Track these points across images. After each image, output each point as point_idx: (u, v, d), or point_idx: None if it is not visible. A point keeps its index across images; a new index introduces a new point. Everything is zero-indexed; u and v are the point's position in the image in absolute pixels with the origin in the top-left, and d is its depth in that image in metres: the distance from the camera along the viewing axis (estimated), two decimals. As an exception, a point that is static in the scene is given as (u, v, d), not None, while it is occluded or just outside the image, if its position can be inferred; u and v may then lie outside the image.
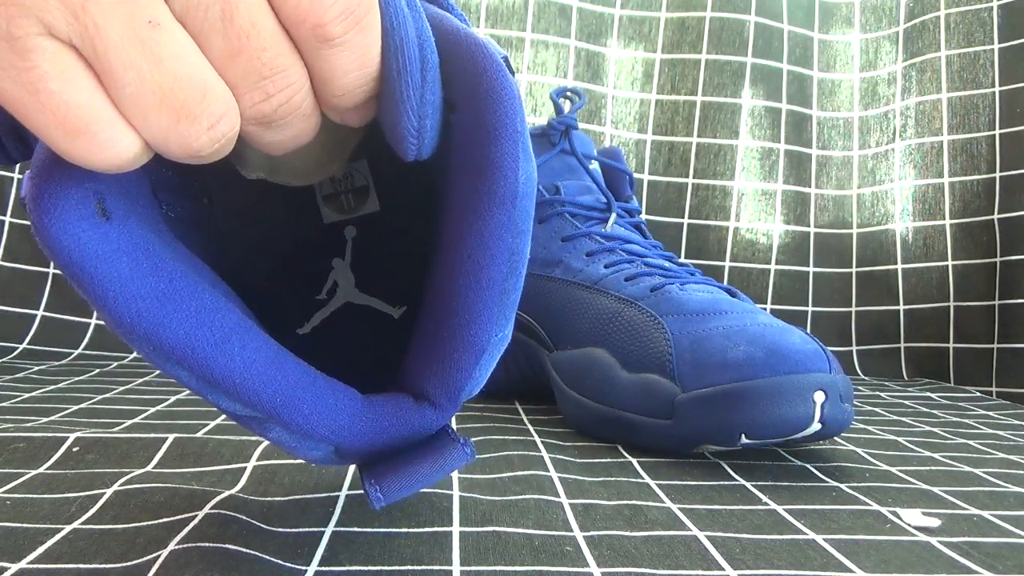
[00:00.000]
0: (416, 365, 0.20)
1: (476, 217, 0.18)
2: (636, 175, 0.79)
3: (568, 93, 0.55)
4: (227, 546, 0.23)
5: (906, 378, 0.75)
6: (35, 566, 0.22)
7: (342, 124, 0.20)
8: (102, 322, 0.68)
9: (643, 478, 0.34)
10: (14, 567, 0.22)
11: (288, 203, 0.27)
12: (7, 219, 0.69)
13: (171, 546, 0.23)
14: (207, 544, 0.23)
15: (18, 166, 0.69)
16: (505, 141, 0.18)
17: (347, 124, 0.19)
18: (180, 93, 0.15)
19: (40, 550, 0.23)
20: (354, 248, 0.28)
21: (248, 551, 0.23)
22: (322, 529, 0.25)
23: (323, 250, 0.28)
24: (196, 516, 0.26)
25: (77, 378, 0.54)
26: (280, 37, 0.16)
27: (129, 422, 0.40)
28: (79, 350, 0.66)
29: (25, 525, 0.25)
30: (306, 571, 0.22)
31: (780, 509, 0.30)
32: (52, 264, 0.69)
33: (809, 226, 0.80)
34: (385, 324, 0.28)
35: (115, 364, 0.62)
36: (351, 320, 0.28)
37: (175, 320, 0.17)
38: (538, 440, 0.40)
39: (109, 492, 0.28)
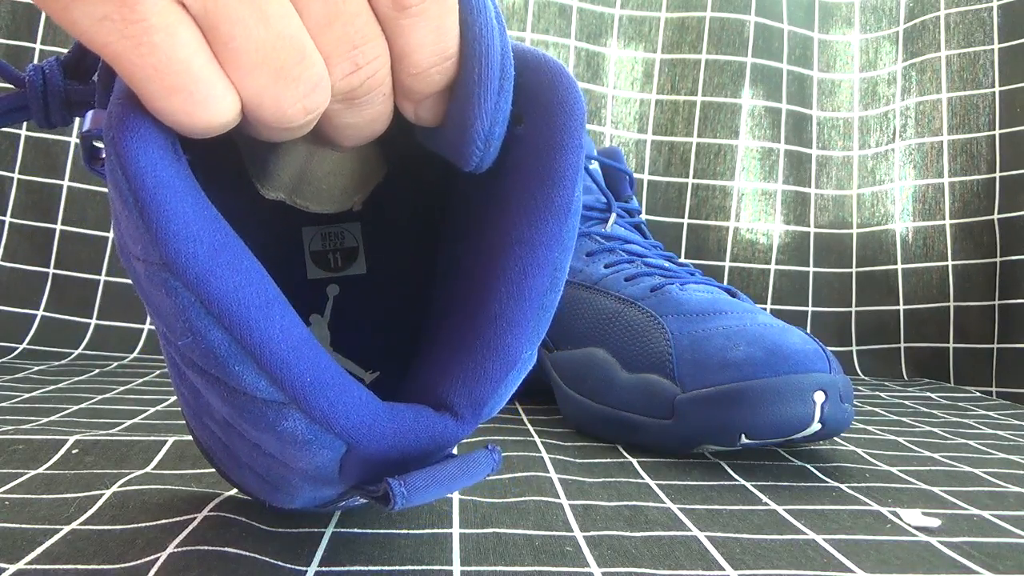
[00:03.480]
0: (437, 376, 0.20)
1: (529, 226, 0.19)
2: (636, 175, 0.79)
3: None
4: (227, 546, 0.23)
5: (906, 378, 0.75)
6: (33, 567, 0.22)
7: (372, 159, 0.19)
8: (102, 322, 0.68)
9: (643, 478, 0.34)
10: (12, 568, 0.22)
11: (273, 253, 0.27)
12: (7, 219, 0.69)
13: (171, 547, 0.23)
14: (207, 545, 0.23)
15: (16, 174, 0.69)
16: (571, 154, 0.19)
17: (421, 123, 0.19)
18: (282, 52, 0.15)
19: (38, 550, 0.23)
20: (334, 307, 0.28)
21: (248, 552, 0.23)
22: (322, 530, 0.25)
23: (302, 304, 0.27)
24: (196, 517, 0.26)
25: (77, 378, 0.54)
26: (367, 5, 0.16)
27: (129, 422, 0.40)
28: (79, 350, 0.66)
29: (24, 526, 0.25)
30: (306, 571, 0.22)
31: (780, 509, 0.30)
32: (52, 264, 0.69)
33: (809, 226, 0.80)
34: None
35: (115, 364, 0.62)
36: None
37: (227, 272, 0.16)
38: (538, 441, 0.40)
39: (108, 493, 0.28)
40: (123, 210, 0.16)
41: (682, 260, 0.63)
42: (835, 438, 0.43)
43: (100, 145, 0.19)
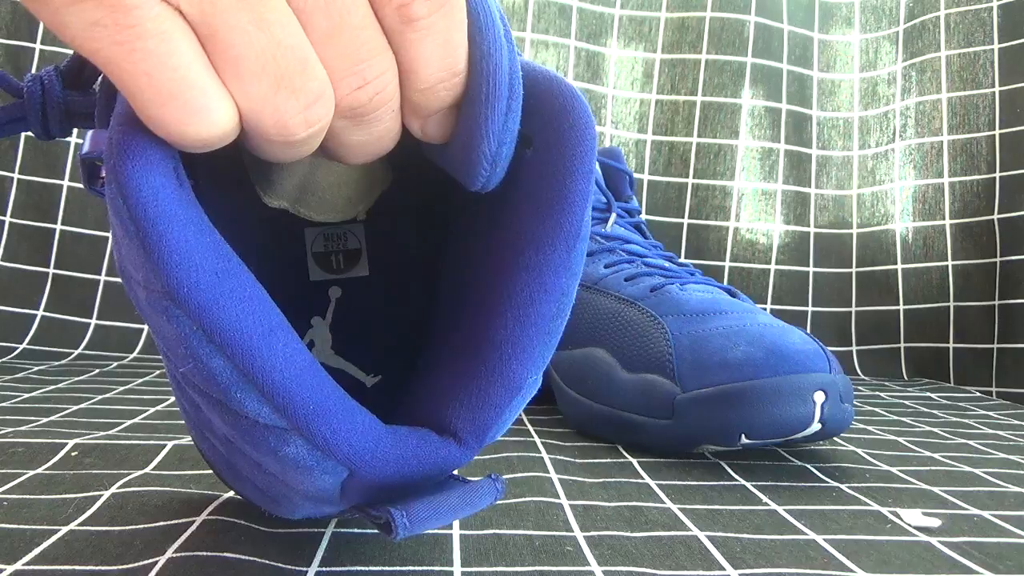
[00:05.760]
0: (440, 399, 0.19)
1: (536, 252, 0.18)
2: (636, 175, 0.79)
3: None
4: (226, 551, 0.23)
5: (906, 378, 0.75)
6: (31, 567, 0.22)
7: (378, 168, 0.19)
8: (102, 322, 0.68)
9: (643, 478, 0.34)
10: (9, 569, 0.22)
11: (276, 254, 0.27)
12: (7, 219, 0.69)
13: (169, 552, 0.23)
14: (206, 550, 0.23)
15: (16, 174, 0.69)
16: (580, 180, 0.18)
17: (428, 140, 0.19)
18: (283, 61, 0.15)
19: (36, 551, 0.23)
20: (336, 309, 0.28)
21: (247, 556, 0.23)
22: (322, 530, 0.25)
23: (304, 306, 0.27)
24: (195, 521, 0.26)
25: (77, 378, 0.54)
26: (373, 19, 0.16)
27: (129, 422, 0.40)
28: (79, 350, 0.66)
29: (22, 526, 0.25)
30: (307, 572, 0.22)
31: (780, 509, 0.30)
32: (52, 264, 0.69)
33: (809, 226, 0.80)
34: (356, 388, 0.27)
35: (115, 364, 0.61)
36: None
37: (230, 301, 0.16)
38: (538, 441, 0.40)
39: (107, 494, 0.28)
40: (124, 237, 0.16)
41: (682, 260, 0.63)
42: (835, 438, 0.43)
43: (101, 163, 0.19)
